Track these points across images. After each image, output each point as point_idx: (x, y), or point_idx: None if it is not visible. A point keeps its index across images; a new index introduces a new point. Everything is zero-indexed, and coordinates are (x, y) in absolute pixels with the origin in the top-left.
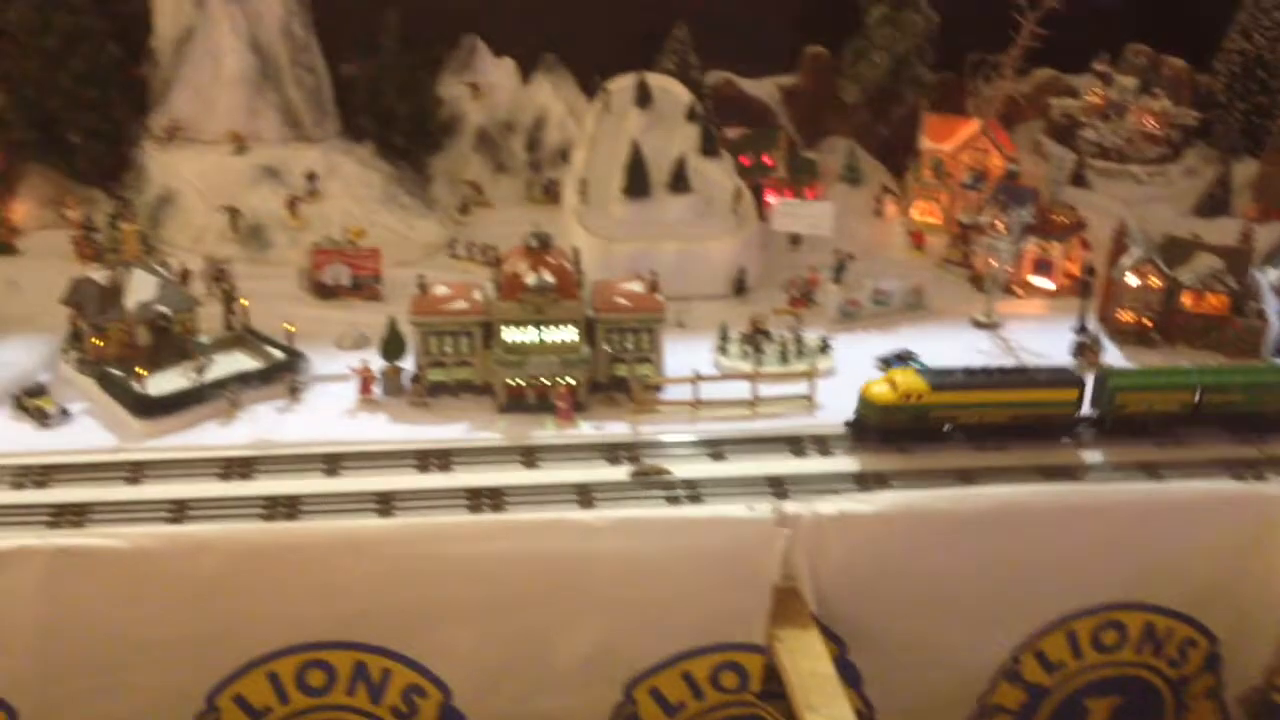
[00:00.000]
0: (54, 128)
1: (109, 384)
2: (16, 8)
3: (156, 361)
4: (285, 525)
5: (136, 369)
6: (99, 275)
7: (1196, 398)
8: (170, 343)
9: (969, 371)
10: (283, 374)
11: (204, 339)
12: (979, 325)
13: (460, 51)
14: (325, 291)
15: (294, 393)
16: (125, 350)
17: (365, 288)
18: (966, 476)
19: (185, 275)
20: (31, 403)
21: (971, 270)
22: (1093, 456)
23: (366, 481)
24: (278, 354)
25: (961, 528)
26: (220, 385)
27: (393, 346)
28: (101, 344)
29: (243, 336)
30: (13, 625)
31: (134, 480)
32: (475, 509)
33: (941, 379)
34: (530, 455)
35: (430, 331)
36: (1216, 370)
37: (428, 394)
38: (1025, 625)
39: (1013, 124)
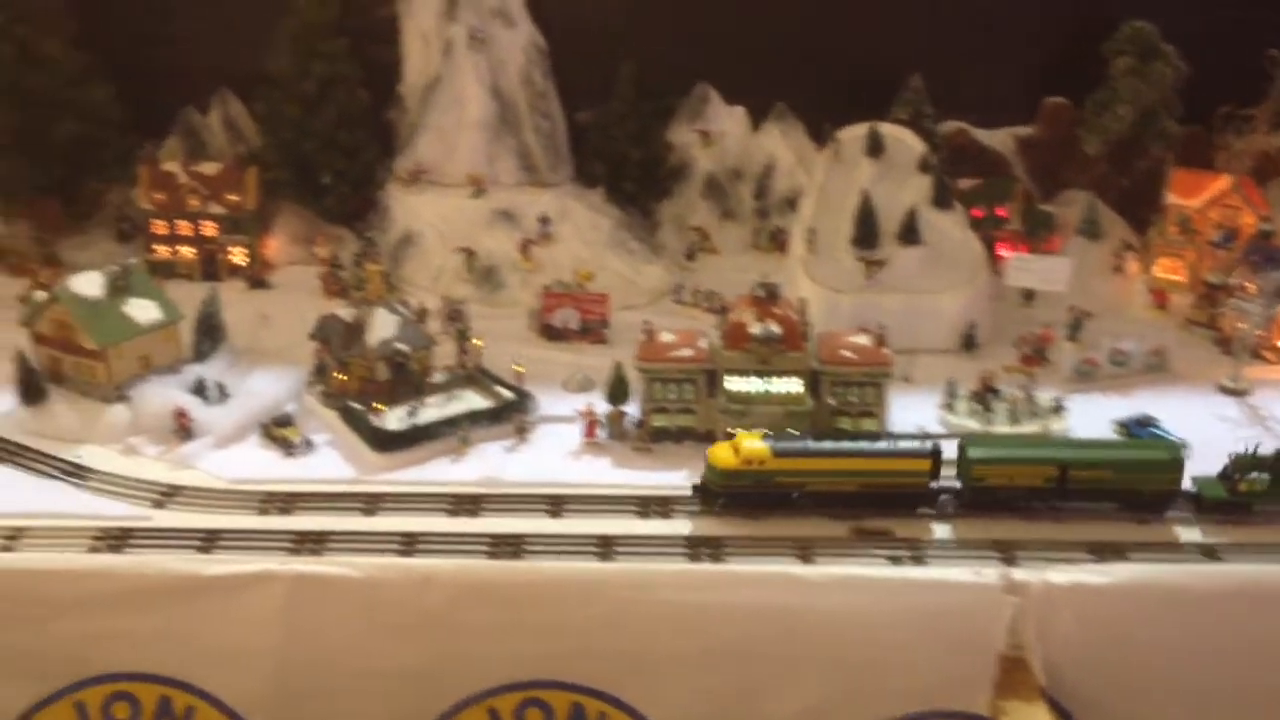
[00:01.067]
0: (307, 169)
1: (349, 417)
2: (279, 56)
3: (394, 397)
4: (509, 564)
5: (375, 404)
6: (345, 312)
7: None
8: (407, 379)
9: (816, 438)
10: (511, 414)
11: (439, 377)
12: (1226, 391)
13: (692, 99)
14: (553, 334)
15: (521, 433)
16: (365, 385)
17: (592, 331)
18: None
19: (423, 314)
20: (279, 432)
21: (1218, 332)
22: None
23: (588, 524)
24: (507, 394)
25: (1205, 605)
26: (452, 423)
27: (618, 391)
28: (344, 378)
29: (475, 375)
30: (255, 646)
31: (369, 511)
32: (694, 557)
33: (785, 445)
34: None
35: (655, 378)
36: (1081, 444)
37: (651, 439)
38: (1270, 714)
39: (1266, 180)
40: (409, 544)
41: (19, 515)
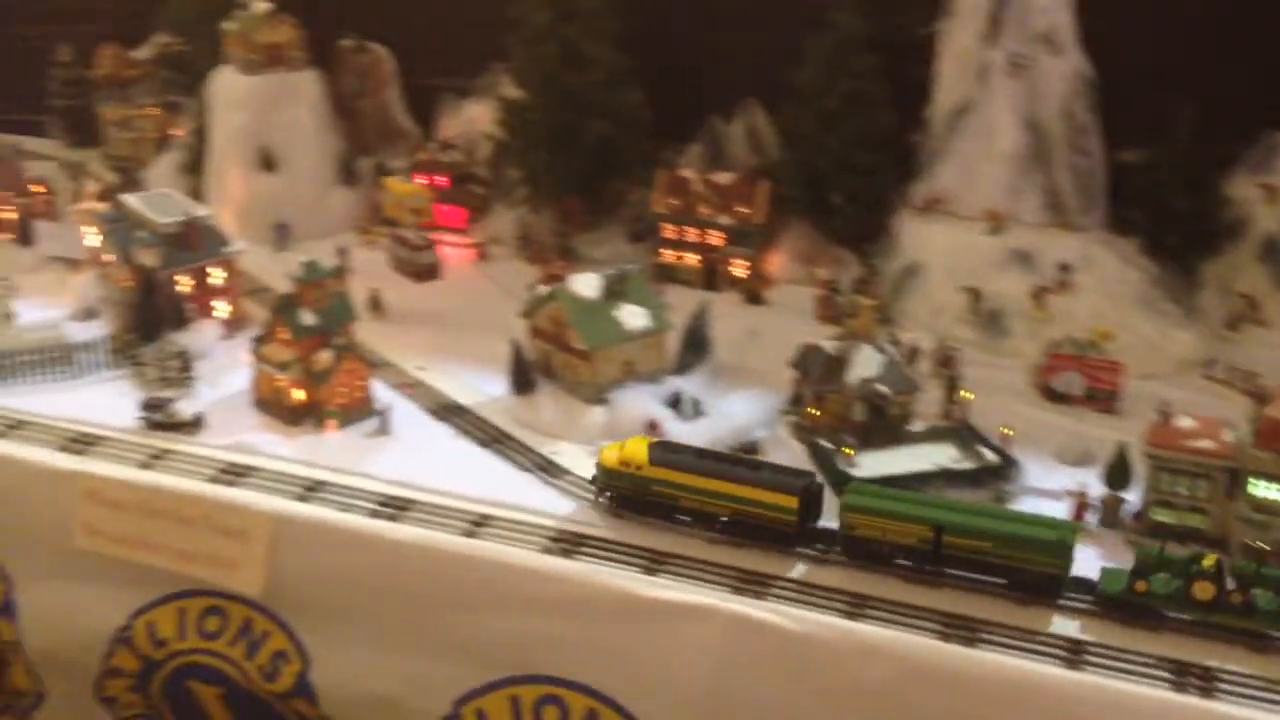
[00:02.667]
0: (819, 187)
1: (817, 455)
2: (806, 70)
3: (867, 440)
4: (964, 650)
5: (844, 446)
6: (828, 344)
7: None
8: (884, 424)
9: (698, 452)
10: (992, 479)
11: (919, 425)
12: None
13: (1259, 148)
14: (1053, 395)
15: (1000, 501)
16: (839, 423)
17: (1100, 399)
18: None
19: (913, 354)
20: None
21: None
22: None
23: (1059, 622)
24: (990, 456)
25: None
26: (925, 479)
27: (1118, 474)
28: (817, 413)
29: (958, 430)
30: (685, 677)
31: (820, 561)
32: (1180, 687)
33: (663, 453)
34: (1259, 638)
35: (1164, 467)
36: (959, 508)
37: (1148, 534)
38: None
39: None
40: (856, 606)
41: (489, 503)
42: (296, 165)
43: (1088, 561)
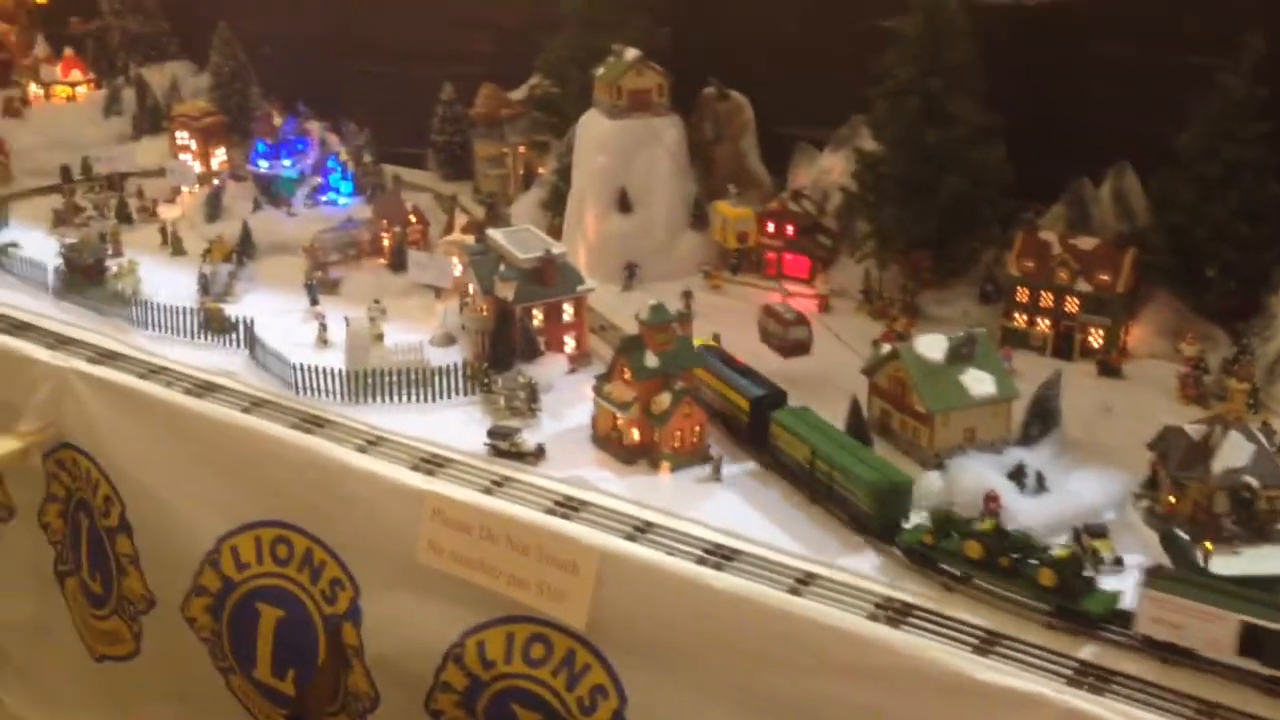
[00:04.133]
0: (1192, 258)
1: (1171, 545)
2: (1187, 134)
3: (1229, 537)
4: None
5: (1205, 540)
6: (1192, 428)
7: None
8: (1251, 519)
9: (725, 356)
10: None
11: None
12: None
13: None
14: None
15: None
16: (1199, 514)
17: None
18: None
19: None
20: (1091, 543)
21: None
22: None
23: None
24: None
25: None
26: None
27: None
28: (1175, 501)
29: None
30: None
31: (1166, 660)
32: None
33: (707, 352)
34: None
35: None
36: (835, 437)
37: None
38: None
39: None
40: (1204, 713)
41: (816, 560)
42: (651, 208)
43: None
